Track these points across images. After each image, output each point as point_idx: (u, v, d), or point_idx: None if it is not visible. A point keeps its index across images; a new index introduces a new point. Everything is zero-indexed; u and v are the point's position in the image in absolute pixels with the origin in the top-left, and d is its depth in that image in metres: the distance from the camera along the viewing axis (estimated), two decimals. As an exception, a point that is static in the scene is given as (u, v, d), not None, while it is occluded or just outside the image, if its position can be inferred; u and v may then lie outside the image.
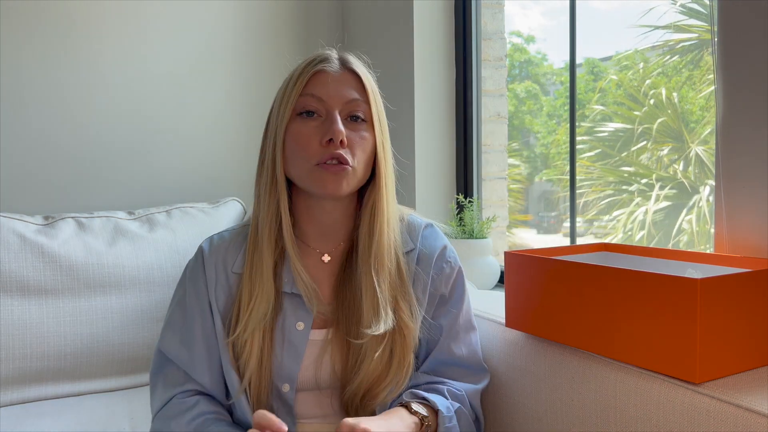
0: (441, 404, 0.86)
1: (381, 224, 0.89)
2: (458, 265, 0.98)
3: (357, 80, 0.90)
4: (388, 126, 0.94)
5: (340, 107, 0.87)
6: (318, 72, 0.88)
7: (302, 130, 0.87)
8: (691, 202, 2.97)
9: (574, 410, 0.86)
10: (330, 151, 0.85)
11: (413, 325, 0.90)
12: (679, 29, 2.91)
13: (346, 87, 0.88)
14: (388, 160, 0.92)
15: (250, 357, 0.87)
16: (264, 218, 0.89)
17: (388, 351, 0.88)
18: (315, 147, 0.85)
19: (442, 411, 0.85)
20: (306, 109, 0.87)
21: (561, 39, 1.41)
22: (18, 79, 1.52)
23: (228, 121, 1.77)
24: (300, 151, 0.86)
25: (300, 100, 0.87)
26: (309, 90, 0.87)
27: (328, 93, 0.87)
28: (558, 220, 3.32)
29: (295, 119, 0.87)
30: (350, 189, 0.88)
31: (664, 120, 3.04)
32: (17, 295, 1.25)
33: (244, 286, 0.89)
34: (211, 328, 0.91)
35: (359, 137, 0.88)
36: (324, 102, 0.87)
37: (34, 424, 1.15)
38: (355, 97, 0.88)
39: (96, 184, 1.62)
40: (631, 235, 3.14)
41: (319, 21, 1.87)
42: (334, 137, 0.84)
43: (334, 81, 0.88)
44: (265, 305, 0.87)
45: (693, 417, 0.71)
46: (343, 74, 0.89)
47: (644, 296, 0.76)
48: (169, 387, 0.90)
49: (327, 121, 0.86)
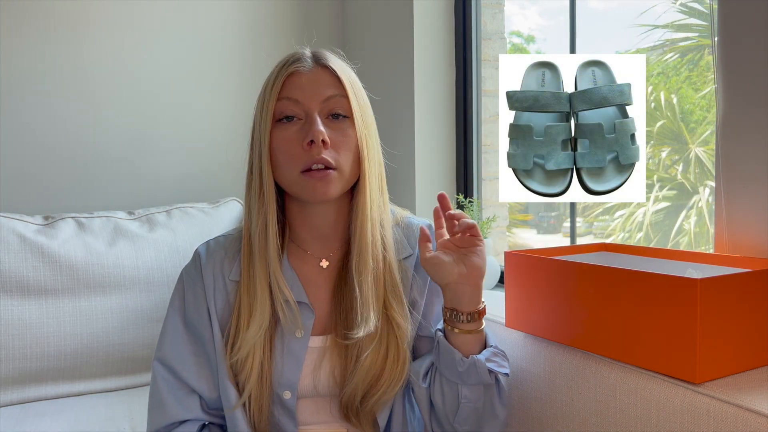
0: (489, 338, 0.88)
1: (363, 223, 0.87)
2: None
3: (332, 75, 0.87)
4: (375, 120, 0.91)
5: (318, 107, 0.85)
6: (291, 74, 0.86)
7: (284, 136, 0.85)
8: (690, 203, 2.97)
9: (574, 410, 0.86)
10: (313, 155, 0.83)
11: (405, 324, 0.89)
12: (678, 28, 2.91)
13: (321, 85, 0.86)
14: (372, 155, 0.89)
15: (251, 372, 0.86)
16: (255, 229, 0.87)
17: (383, 350, 0.87)
18: (298, 152, 0.84)
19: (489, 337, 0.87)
20: (284, 114, 0.85)
21: (561, 39, 1.41)
22: (18, 79, 1.52)
23: (228, 121, 1.76)
24: (284, 158, 0.85)
25: (278, 105, 0.85)
26: (285, 93, 0.85)
27: (304, 94, 0.85)
28: (558, 220, 3.31)
29: (276, 126, 0.86)
30: (339, 191, 0.87)
31: (664, 123, 3.04)
32: (17, 295, 1.25)
33: (243, 300, 0.88)
34: (209, 337, 0.90)
35: (342, 136, 0.86)
36: (301, 104, 0.85)
37: (33, 424, 1.15)
38: (332, 94, 0.86)
39: (96, 184, 1.61)
40: (630, 236, 3.14)
41: (319, 21, 1.87)
42: (314, 138, 0.82)
43: (309, 80, 0.86)
44: (262, 319, 0.86)
45: (693, 417, 0.70)
46: (317, 71, 0.87)
47: (644, 296, 0.76)
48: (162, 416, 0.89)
49: (306, 124, 0.84)
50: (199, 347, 0.91)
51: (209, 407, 0.91)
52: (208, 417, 0.91)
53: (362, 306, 0.85)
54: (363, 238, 0.87)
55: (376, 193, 0.89)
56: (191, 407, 0.89)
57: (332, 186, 0.85)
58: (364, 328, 0.84)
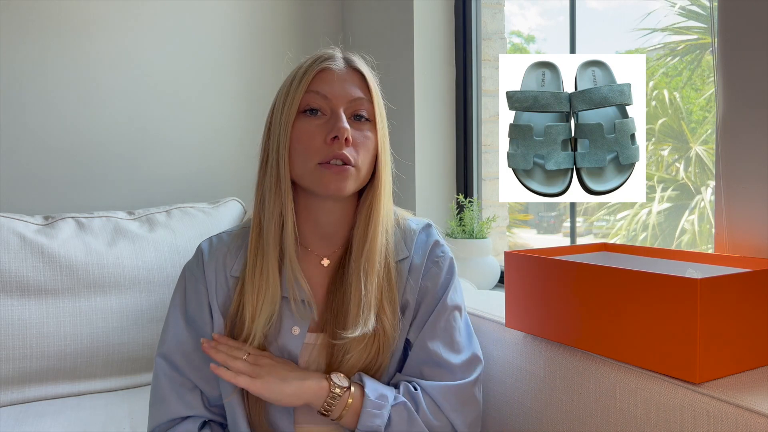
0: (373, 389, 0.84)
1: (375, 226, 0.88)
2: (447, 264, 0.95)
3: (361, 79, 0.89)
4: (387, 127, 0.93)
5: (344, 105, 0.87)
6: (323, 70, 0.88)
7: (306, 128, 0.86)
8: (692, 203, 2.97)
9: (574, 410, 0.86)
10: (334, 150, 0.84)
11: (393, 332, 0.89)
12: (677, 32, 2.91)
13: (350, 85, 0.88)
14: (387, 161, 0.91)
15: None
16: (269, 220, 0.87)
17: (366, 353, 0.87)
18: (319, 145, 0.85)
19: (369, 394, 0.83)
20: (311, 106, 0.87)
21: (561, 39, 1.41)
22: (18, 79, 1.52)
23: (228, 121, 1.76)
24: (304, 149, 0.86)
25: (305, 97, 0.87)
26: (314, 87, 0.87)
27: (333, 91, 0.87)
28: (558, 220, 3.31)
29: (300, 117, 0.87)
30: (353, 189, 0.88)
31: (666, 121, 3.04)
32: (17, 295, 1.25)
33: (248, 292, 0.87)
34: (210, 332, 0.90)
35: (363, 137, 0.88)
36: (329, 100, 0.86)
37: (33, 424, 1.15)
38: (360, 96, 0.88)
39: (96, 184, 1.62)
40: (633, 238, 3.14)
41: (320, 21, 1.87)
42: (339, 135, 0.83)
43: (339, 79, 0.87)
44: (270, 310, 0.86)
45: (693, 417, 0.70)
46: (348, 73, 0.89)
47: (644, 296, 0.76)
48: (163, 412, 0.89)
49: (332, 119, 0.86)
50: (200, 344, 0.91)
51: (211, 404, 0.91)
52: (209, 414, 0.91)
53: (364, 307, 0.86)
54: (374, 240, 0.88)
55: (387, 199, 0.91)
56: (193, 404, 0.90)
57: (348, 182, 0.85)
58: (361, 329, 0.84)
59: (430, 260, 0.94)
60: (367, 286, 0.86)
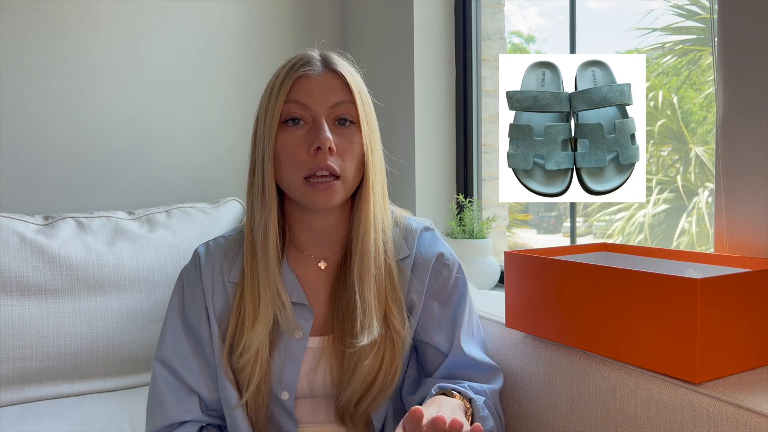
0: (472, 393, 0.84)
1: (366, 230, 0.87)
2: (457, 266, 0.96)
3: (341, 81, 0.86)
4: (378, 125, 0.91)
5: (326, 112, 0.84)
6: (300, 77, 0.85)
7: (289, 140, 0.84)
8: (690, 205, 2.97)
9: (574, 410, 0.86)
10: (318, 162, 0.82)
11: (404, 331, 0.89)
12: (674, 31, 2.91)
13: (330, 90, 0.85)
14: (376, 161, 0.89)
15: (253, 373, 0.86)
16: (258, 230, 0.87)
17: (380, 356, 0.87)
18: (303, 157, 0.83)
19: (476, 399, 0.83)
20: (291, 116, 0.84)
21: (560, 39, 1.41)
22: (18, 79, 1.52)
23: (228, 121, 1.76)
24: (289, 162, 0.84)
25: (285, 107, 0.84)
26: (293, 97, 0.84)
27: (312, 98, 0.84)
28: (558, 220, 3.31)
29: (282, 128, 0.85)
30: (342, 199, 0.86)
31: (665, 122, 3.04)
32: (17, 295, 1.25)
33: (246, 301, 0.87)
34: (207, 337, 0.90)
35: (348, 143, 0.85)
36: (309, 108, 0.84)
37: (33, 424, 1.15)
38: (341, 99, 0.85)
39: (96, 184, 1.61)
40: (629, 239, 3.14)
41: (319, 21, 1.87)
42: (321, 145, 0.81)
43: (318, 85, 0.85)
44: (266, 319, 0.86)
45: (693, 417, 0.70)
46: (327, 76, 0.86)
47: (644, 296, 0.76)
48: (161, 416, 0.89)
49: (314, 129, 0.83)
50: (198, 347, 0.91)
51: (208, 408, 0.91)
52: (207, 418, 0.91)
53: (364, 314, 0.85)
54: (365, 245, 0.87)
55: (379, 199, 0.89)
56: (191, 408, 0.89)
57: (335, 196, 0.84)
58: (367, 336, 0.84)
59: (440, 263, 0.94)
60: (363, 292, 0.85)
